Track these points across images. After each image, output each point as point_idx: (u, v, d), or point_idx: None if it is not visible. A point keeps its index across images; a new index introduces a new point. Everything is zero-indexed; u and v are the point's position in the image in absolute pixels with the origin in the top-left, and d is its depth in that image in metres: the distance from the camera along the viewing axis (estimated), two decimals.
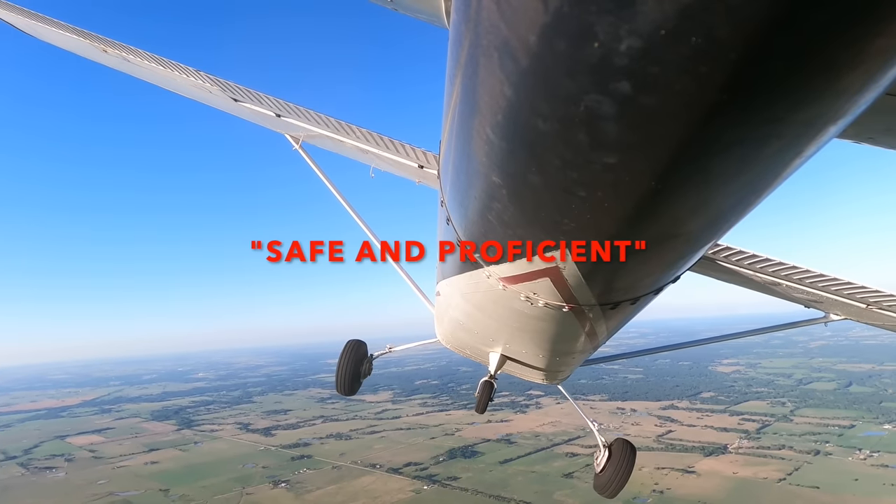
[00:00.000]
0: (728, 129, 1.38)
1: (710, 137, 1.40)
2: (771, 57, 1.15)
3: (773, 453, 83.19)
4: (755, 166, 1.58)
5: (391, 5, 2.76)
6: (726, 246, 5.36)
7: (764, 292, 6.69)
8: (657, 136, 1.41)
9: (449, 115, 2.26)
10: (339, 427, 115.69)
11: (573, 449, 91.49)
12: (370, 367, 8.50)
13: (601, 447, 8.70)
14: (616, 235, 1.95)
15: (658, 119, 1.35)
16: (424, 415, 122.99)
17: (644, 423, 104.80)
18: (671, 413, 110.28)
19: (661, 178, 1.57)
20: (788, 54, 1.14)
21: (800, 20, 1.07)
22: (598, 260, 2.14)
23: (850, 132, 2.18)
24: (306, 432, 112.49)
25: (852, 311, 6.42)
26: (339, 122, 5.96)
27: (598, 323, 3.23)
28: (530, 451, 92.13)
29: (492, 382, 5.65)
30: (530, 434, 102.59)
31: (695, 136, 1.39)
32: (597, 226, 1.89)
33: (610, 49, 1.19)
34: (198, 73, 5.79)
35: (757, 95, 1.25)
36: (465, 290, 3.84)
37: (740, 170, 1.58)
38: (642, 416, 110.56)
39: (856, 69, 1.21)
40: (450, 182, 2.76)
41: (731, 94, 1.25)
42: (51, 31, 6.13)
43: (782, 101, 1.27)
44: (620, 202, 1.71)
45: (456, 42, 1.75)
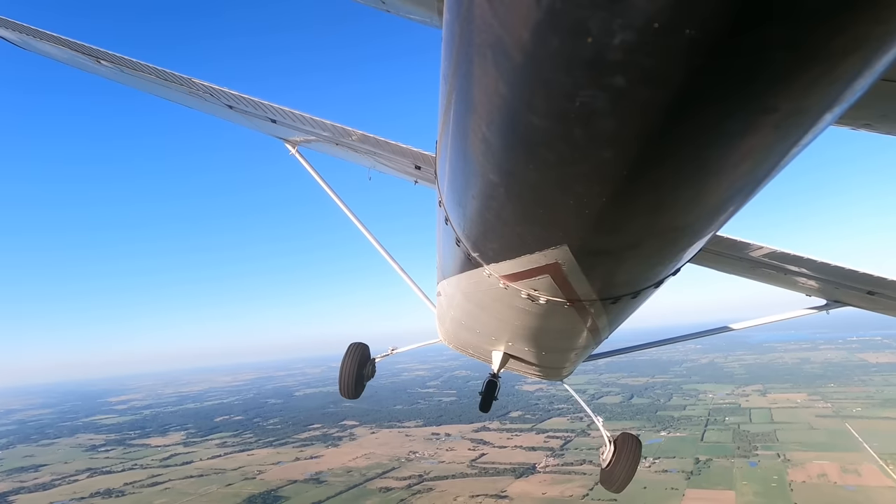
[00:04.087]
0: (724, 120, 1.39)
1: (706, 129, 1.42)
2: (766, 47, 1.15)
3: (576, 469, 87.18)
4: (753, 156, 1.59)
5: (383, 7, 2.78)
6: (726, 236, 5.22)
7: (765, 281, 6.78)
8: (653, 129, 1.41)
9: (444, 115, 2.26)
10: (111, 481, 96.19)
11: (387, 483, 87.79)
12: (373, 370, 8.74)
13: (607, 442, 8.87)
14: (615, 229, 1.97)
15: (654, 112, 1.35)
16: (222, 457, 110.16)
17: (458, 448, 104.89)
18: (483, 435, 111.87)
19: (658, 171, 1.59)
20: (783, 44, 1.15)
21: (794, 8, 1.09)
22: (598, 255, 2.23)
23: (847, 119, 2.27)
24: (63, 492, 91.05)
25: (854, 298, 6.55)
26: (334, 125, 5.75)
27: (599, 318, 3.28)
28: (341, 490, 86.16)
29: (495, 381, 5.92)
30: (342, 470, 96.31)
31: (690, 128, 1.40)
32: (596, 220, 1.88)
33: (603, 43, 1.20)
34: (192, 81, 5.61)
35: (753, 86, 1.26)
36: (465, 290, 3.84)
37: (739, 160, 1.59)
38: (456, 440, 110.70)
39: (851, 56, 1.22)
40: (447, 182, 2.74)
41: (727, 85, 1.26)
42: (43, 44, 5.85)
43: (779, 90, 1.29)
44: (619, 196, 1.72)
45: (449, 41, 1.75)
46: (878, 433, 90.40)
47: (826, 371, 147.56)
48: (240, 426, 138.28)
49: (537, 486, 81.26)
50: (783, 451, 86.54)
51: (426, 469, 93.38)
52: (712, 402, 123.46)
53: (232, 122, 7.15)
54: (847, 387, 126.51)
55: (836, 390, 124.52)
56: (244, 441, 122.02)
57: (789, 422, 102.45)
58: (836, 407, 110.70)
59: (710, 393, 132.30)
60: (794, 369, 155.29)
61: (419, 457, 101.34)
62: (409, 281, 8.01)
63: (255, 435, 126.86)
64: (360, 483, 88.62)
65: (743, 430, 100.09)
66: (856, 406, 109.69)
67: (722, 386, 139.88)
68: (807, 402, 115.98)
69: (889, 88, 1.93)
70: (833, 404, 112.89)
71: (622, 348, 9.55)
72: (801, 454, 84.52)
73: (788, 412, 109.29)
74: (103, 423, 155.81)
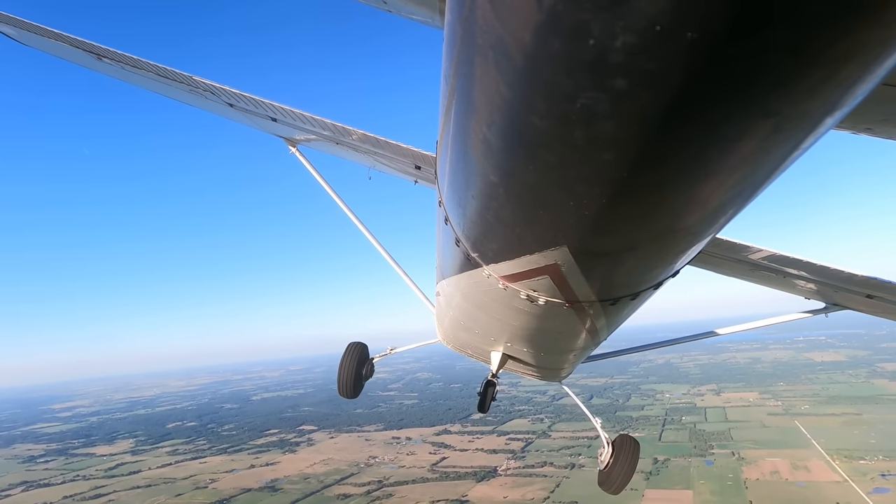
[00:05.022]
0: (725, 123, 1.39)
1: (707, 132, 1.42)
2: (767, 50, 1.16)
3: (537, 471, 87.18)
4: (754, 159, 1.59)
5: (385, 7, 2.78)
6: (726, 239, 5.27)
7: (764, 284, 6.75)
8: (654, 131, 1.41)
9: (445, 115, 2.27)
10: (49, 494, 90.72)
11: (346, 489, 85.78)
12: (371, 369, 8.69)
13: (605, 444, 8.88)
14: (615, 231, 1.98)
15: (655, 115, 1.36)
16: (173, 466, 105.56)
17: (419, 452, 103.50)
18: (444, 438, 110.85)
19: (659, 174, 1.60)
20: (785, 47, 1.15)
21: (796, 12, 1.09)
22: (597, 256, 2.25)
23: (848, 123, 2.30)
24: None
25: (853, 301, 6.51)
26: (334, 125, 5.76)
27: (598, 319, 3.29)
28: (298, 498, 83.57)
29: (494, 382, 5.80)
30: (299, 477, 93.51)
31: (691, 131, 1.41)
32: (595, 222, 1.89)
33: (605, 45, 1.20)
34: (192, 79, 5.60)
35: (754, 89, 1.26)
36: (465, 290, 3.84)
37: (739, 163, 1.59)
38: (417, 444, 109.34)
39: (852, 61, 1.22)
40: (447, 182, 2.74)
41: (728, 89, 1.26)
42: (44, 40, 5.82)
43: (779, 94, 1.28)
44: (619, 198, 1.72)
45: (451, 42, 1.75)
46: (825, 429, 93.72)
47: (776, 370, 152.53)
48: (193, 432, 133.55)
49: (498, 490, 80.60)
50: (738, 450, 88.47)
51: (386, 474, 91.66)
52: (669, 401, 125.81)
53: (232, 121, 7.13)
54: (795, 385, 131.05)
55: (785, 388, 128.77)
56: (197, 448, 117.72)
57: (743, 420, 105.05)
58: (785, 405, 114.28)
59: (667, 393, 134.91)
60: (746, 369, 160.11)
61: (379, 462, 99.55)
62: (409, 281, 8.05)
63: (209, 441, 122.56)
64: (317, 490, 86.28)
65: (699, 429, 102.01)
66: (804, 403, 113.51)
67: (678, 386, 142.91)
68: (759, 401, 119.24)
69: (890, 93, 1.91)
70: (783, 402, 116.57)
71: (619, 350, 9.45)
72: (754, 452, 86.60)
73: (742, 411, 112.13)
74: (44, 432, 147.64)
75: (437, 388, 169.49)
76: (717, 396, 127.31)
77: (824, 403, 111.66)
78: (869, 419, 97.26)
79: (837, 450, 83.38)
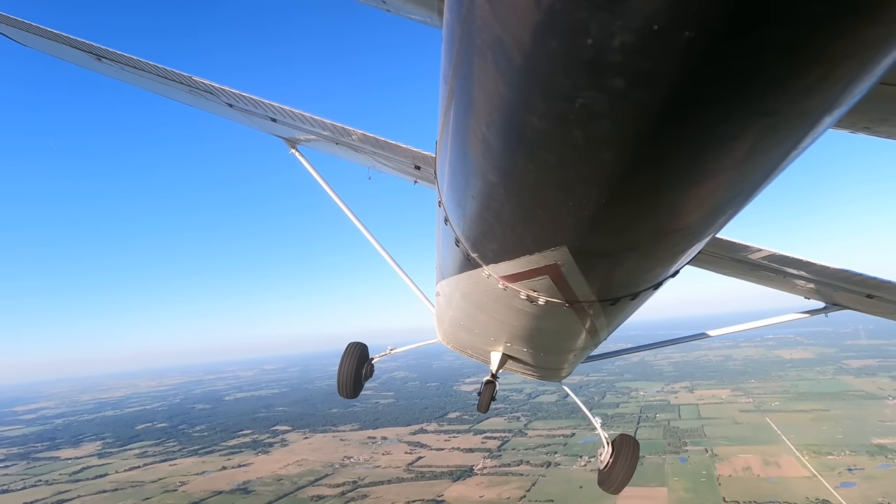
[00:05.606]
0: (723, 122, 1.40)
1: (705, 131, 1.42)
2: (765, 49, 1.16)
3: (513, 470, 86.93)
4: (751, 159, 1.59)
5: (384, 6, 2.79)
6: (725, 239, 5.28)
7: (764, 284, 6.73)
8: (653, 131, 1.42)
9: (444, 115, 2.28)
10: (8, 501, 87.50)
11: (320, 491, 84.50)
12: (371, 370, 8.67)
13: (605, 444, 8.85)
14: (614, 231, 1.98)
15: (653, 114, 1.36)
16: (141, 468, 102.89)
17: (395, 452, 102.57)
18: (421, 437, 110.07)
19: (657, 174, 1.60)
20: (782, 47, 1.16)
21: (793, 12, 1.09)
22: (597, 256, 2.26)
23: (846, 122, 2.31)
24: None
25: (853, 301, 6.48)
26: (334, 125, 5.77)
27: (598, 319, 3.31)
28: (270, 500, 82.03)
29: (494, 382, 5.85)
30: (272, 478, 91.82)
31: (689, 130, 1.41)
32: (595, 222, 1.89)
33: (603, 45, 1.20)
34: (192, 79, 5.60)
35: (752, 88, 1.26)
36: (464, 290, 3.85)
37: (737, 163, 1.60)
38: (393, 443, 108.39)
39: (850, 60, 1.22)
40: (447, 182, 2.75)
41: (725, 88, 1.27)
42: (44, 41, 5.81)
43: (777, 93, 1.29)
44: (618, 198, 1.73)
45: (450, 42, 1.75)
46: (795, 425, 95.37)
47: (747, 367, 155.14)
48: (163, 434, 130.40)
49: (475, 489, 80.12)
50: (710, 447, 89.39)
51: (361, 475, 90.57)
52: (644, 399, 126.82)
53: (232, 121, 7.11)
54: (766, 382, 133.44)
55: (756, 386, 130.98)
56: (167, 450, 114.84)
57: (715, 417, 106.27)
58: (757, 402, 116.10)
59: (641, 390, 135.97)
60: (719, 366, 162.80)
61: (354, 462, 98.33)
62: (408, 280, 8.07)
63: (180, 443, 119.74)
64: (290, 492, 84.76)
65: (673, 426, 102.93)
66: (774, 400, 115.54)
67: (652, 383, 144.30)
68: (731, 398, 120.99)
69: (889, 92, 1.90)
70: (754, 399, 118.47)
71: (620, 350, 9.40)
72: (726, 448, 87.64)
73: (714, 408, 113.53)
74: (5, 436, 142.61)
75: (413, 386, 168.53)
76: (691, 394, 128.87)
77: (794, 400, 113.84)
78: (836, 415, 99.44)
79: (806, 445, 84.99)
